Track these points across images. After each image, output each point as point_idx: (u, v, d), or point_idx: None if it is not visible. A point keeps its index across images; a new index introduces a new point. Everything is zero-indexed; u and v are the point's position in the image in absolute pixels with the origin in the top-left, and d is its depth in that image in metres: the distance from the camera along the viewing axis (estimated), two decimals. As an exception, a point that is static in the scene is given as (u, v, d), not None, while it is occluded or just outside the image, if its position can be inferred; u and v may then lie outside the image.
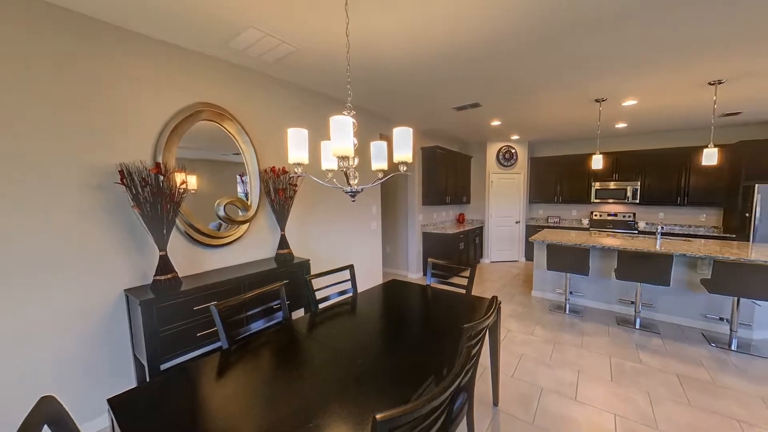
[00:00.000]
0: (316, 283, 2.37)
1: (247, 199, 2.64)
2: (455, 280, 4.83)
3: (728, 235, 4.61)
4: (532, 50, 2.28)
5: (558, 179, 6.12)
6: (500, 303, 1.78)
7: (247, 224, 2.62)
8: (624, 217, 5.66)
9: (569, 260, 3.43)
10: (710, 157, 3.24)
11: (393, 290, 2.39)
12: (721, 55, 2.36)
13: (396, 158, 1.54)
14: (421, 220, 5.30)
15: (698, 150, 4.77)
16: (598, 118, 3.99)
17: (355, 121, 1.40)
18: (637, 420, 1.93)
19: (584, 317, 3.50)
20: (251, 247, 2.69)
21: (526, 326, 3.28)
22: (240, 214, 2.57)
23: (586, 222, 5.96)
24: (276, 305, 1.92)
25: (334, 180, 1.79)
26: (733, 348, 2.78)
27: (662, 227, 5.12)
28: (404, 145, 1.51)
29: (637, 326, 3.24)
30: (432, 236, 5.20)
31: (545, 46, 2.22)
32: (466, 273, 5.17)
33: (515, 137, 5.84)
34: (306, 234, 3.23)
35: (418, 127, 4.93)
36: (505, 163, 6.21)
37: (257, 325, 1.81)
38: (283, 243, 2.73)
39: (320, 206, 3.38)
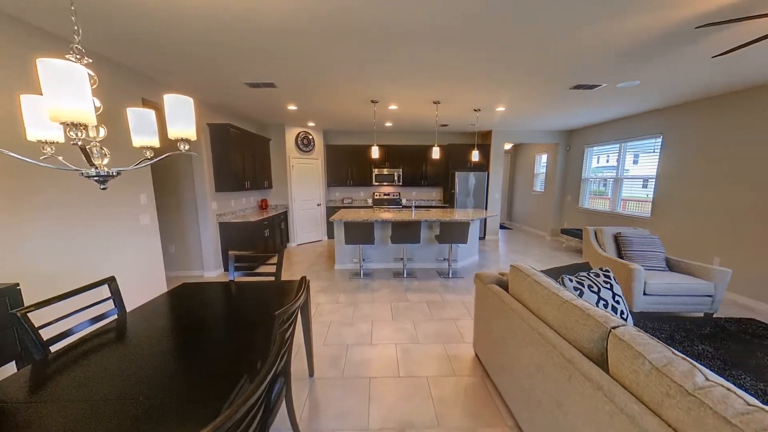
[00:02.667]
0: (39, 316, 1.54)
1: None
2: (263, 269, 4.64)
3: (446, 205, 7.12)
4: (325, 41, 2.43)
5: (349, 165, 7.08)
6: (309, 282, 1.89)
7: None
8: (394, 196, 7.41)
9: (360, 234, 4.12)
10: (436, 152, 4.81)
11: (184, 296, 1.97)
12: (439, 84, 3.49)
13: (172, 134, 1.23)
14: (216, 209, 4.61)
15: (430, 147, 6.94)
16: (374, 116, 4.91)
17: (93, 73, 0.99)
18: (408, 341, 2.69)
19: (374, 278, 4.38)
20: None
21: (332, 296, 3.69)
22: None
23: (370, 201, 7.32)
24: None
25: (61, 158, 1.21)
26: (450, 276, 4.41)
27: (415, 202, 7.17)
28: (182, 117, 1.23)
29: (405, 276, 4.44)
30: (232, 226, 4.66)
31: (336, 39, 2.43)
32: (275, 260, 5.06)
33: (312, 124, 6.15)
34: (10, 242, 2.01)
35: (204, 99, 4.14)
36: (304, 149, 6.45)
37: None
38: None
39: (39, 197, 2.19)
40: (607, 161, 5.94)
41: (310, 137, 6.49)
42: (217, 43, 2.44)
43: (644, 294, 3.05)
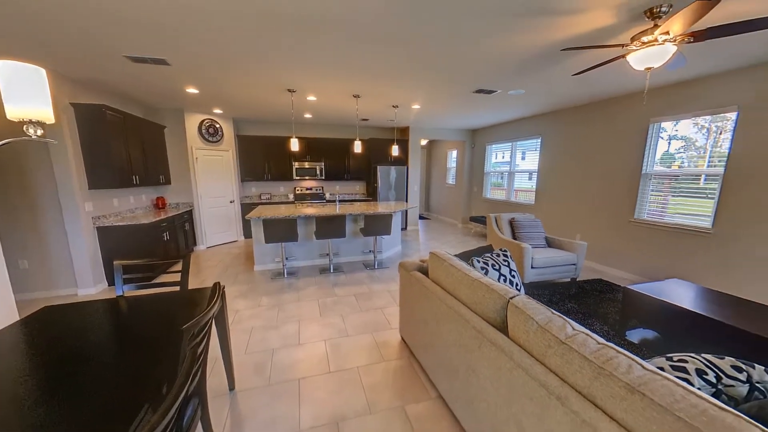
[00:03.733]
0: None
1: None
2: (165, 278, 3.98)
3: (369, 198, 7.28)
4: (229, 20, 2.16)
5: (265, 158, 6.57)
6: (224, 288, 1.71)
7: None
8: (317, 190, 7.21)
9: (282, 231, 3.90)
10: (358, 146, 4.85)
11: (48, 322, 1.55)
12: (358, 78, 3.50)
13: (14, 113, 0.95)
14: (92, 210, 3.73)
15: (352, 141, 6.95)
16: (292, 106, 4.66)
17: None
18: (338, 336, 2.69)
19: (299, 276, 4.21)
20: None
21: (253, 300, 3.41)
22: None
23: (291, 196, 6.97)
24: None
25: None
26: (376, 267, 4.55)
27: (339, 196, 7.13)
28: (29, 93, 0.95)
29: (332, 271, 4.39)
30: (116, 231, 3.84)
31: (243, 20, 2.19)
32: (180, 267, 4.40)
33: (219, 111, 5.47)
34: None
35: (65, 71, 3.24)
36: (210, 139, 5.70)
37: None
38: None
39: None
40: (503, 157, 6.94)
41: (217, 126, 5.78)
42: (88, 6, 1.93)
43: (532, 267, 3.71)
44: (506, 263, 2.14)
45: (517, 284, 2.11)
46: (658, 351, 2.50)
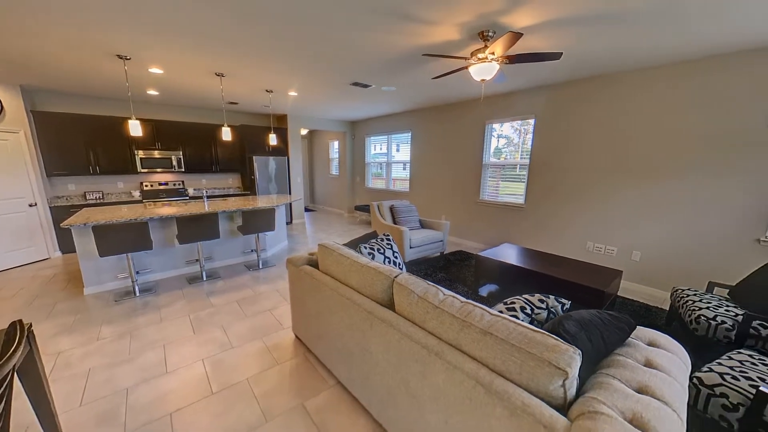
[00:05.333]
0: None
1: None
2: None
3: (246, 192, 6.54)
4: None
5: (90, 145, 4.94)
6: (30, 326, 1.22)
7: None
8: (175, 185, 5.96)
9: (128, 238, 3.06)
10: (227, 134, 4.25)
11: None
12: (221, 53, 3.02)
13: None
14: None
15: (219, 127, 6.03)
16: (126, 77, 3.62)
17: None
18: (219, 350, 2.36)
19: (158, 291, 3.43)
20: None
21: (87, 334, 2.58)
22: None
23: (137, 194, 5.52)
24: None
25: None
26: (260, 267, 4.18)
27: (206, 191, 6.11)
28: None
29: (204, 278, 3.77)
30: None
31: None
32: (-71, 309, 2.91)
33: (-10, 73, 3.72)
34: None
35: None
36: (-21, 114, 3.85)
37: None
38: None
39: None
40: (381, 149, 7.47)
41: (-9, 95, 3.94)
42: None
43: (410, 247, 4.19)
44: (389, 246, 2.35)
45: (399, 264, 2.35)
46: (499, 299, 3.29)
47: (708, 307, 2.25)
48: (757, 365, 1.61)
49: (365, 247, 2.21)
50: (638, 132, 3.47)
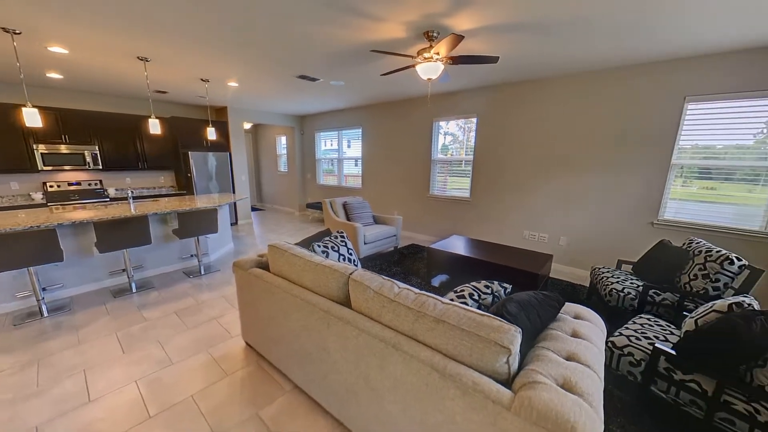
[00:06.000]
0: None
1: None
2: None
3: (182, 191, 5.92)
4: None
5: (-34, 137, 4.00)
6: None
7: None
8: (90, 185, 5.15)
9: (28, 250, 2.57)
10: (155, 126, 3.78)
11: None
12: (146, 35, 2.67)
13: None
14: None
15: (145, 119, 5.34)
16: (16, 56, 2.99)
17: None
18: (157, 368, 2.12)
19: (73, 309, 2.95)
20: None
21: (-24, 368, 2.12)
22: None
23: (39, 196, 4.65)
24: None
25: None
26: (203, 273, 3.83)
27: (132, 191, 5.37)
28: None
29: (134, 290, 3.34)
30: None
31: None
32: None
33: None
34: None
35: None
36: None
37: None
38: None
39: None
40: (332, 145, 7.33)
41: None
42: None
43: (365, 243, 4.21)
44: (344, 243, 2.33)
45: (354, 261, 2.34)
46: (450, 288, 3.48)
47: (617, 282, 2.66)
48: (653, 326, 1.95)
49: (319, 246, 2.16)
50: (561, 131, 3.93)
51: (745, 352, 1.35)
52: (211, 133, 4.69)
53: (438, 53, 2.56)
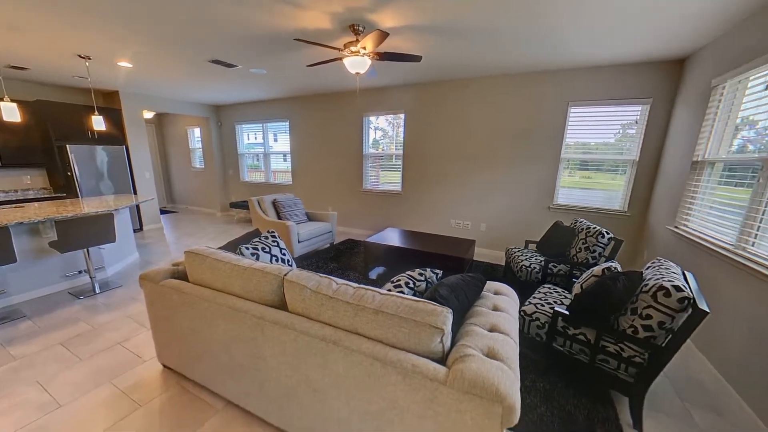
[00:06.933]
0: None
1: None
2: None
3: (60, 194, 4.79)
4: None
5: None
6: None
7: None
8: None
9: None
10: (11, 112, 2.96)
11: None
12: (-20, -10, 2.04)
13: None
14: None
15: (-6, 102, 4.13)
16: None
17: None
18: (38, 415, 1.70)
19: None
20: None
21: None
22: None
23: None
24: None
25: None
26: (97, 291, 3.19)
27: (-19, 196, 4.13)
28: None
29: (-5, 322, 2.61)
30: None
31: None
32: None
33: None
34: None
35: None
36: None
37: None
38: None
39: None
40: (256, 138, 6.79)
41: None
42: None
43: (299, 242, 4.05)
44: (275, 244, 2.20)
45: (288, 261, 2.23)
46: (388, 279, 3.59)
47: (525, 259, 3.10)
48: (553, 294, 2.34)
49: (248, 248, 2.00)
50: (479, 128, 4.36)
51: (613, 305, 1.72)
52: (97, 123, 3.88)
53: (365, 48, 2.57)
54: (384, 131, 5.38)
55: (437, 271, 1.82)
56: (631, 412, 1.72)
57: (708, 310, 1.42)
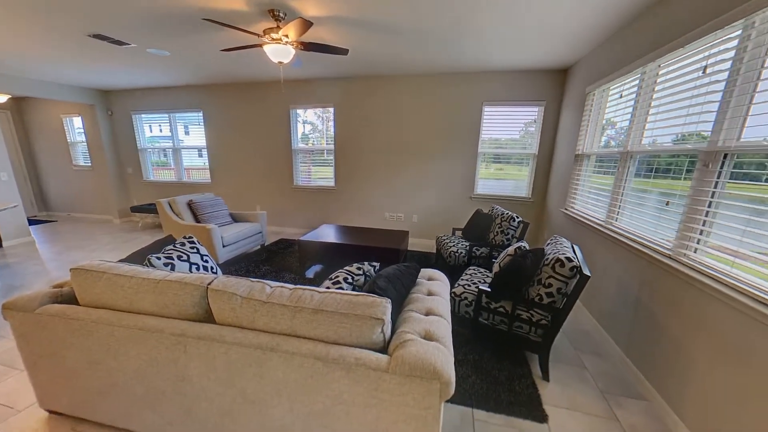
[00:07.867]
0: None
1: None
2: None
3: None
4: None
5: None
6: None
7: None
8: None
9: None
10: None
11: None
12: None
13: None
14: None
15: None
16: None
17: None
18: None
19: None
20: None
21: None
22: None
23: None
24: None
25: None
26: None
27: None
28: None
29: None
30: None
31: None
32: None
33: None
34: None
35: None
36: None
37: None
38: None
39: None
40: (161, 131, 5.87)
41: None
42: None
43: (223, 246, 3.67)
44: (195, 250, 1.95)
45: (212, 268, 2.01)
46: (326, 276, 3.52)
47: (453, 245, 3.38)
48: (477, 274, 2.61)
49: (159, 258, 1.73)
50: (408, 124, 4.55)
51: (524, 278, 2.01)
52: None
53: (287, 36, 2.43)
54: (313, 125, 5.21)
55: (375, 263, 1.85)
56: (540, 367, 2.04)
57: (589, 274, 1.76)
